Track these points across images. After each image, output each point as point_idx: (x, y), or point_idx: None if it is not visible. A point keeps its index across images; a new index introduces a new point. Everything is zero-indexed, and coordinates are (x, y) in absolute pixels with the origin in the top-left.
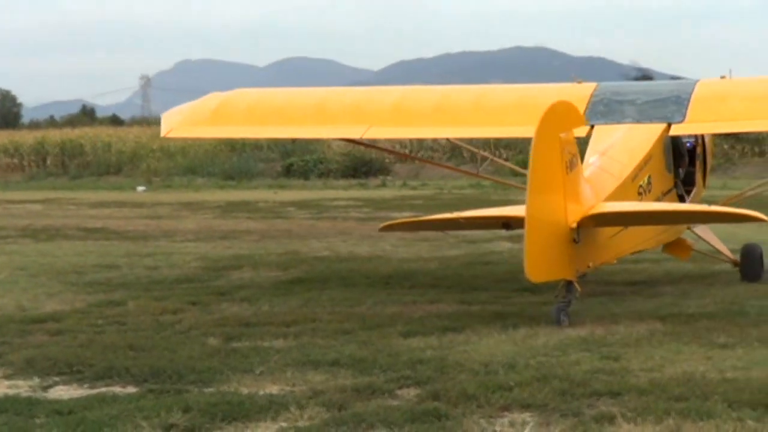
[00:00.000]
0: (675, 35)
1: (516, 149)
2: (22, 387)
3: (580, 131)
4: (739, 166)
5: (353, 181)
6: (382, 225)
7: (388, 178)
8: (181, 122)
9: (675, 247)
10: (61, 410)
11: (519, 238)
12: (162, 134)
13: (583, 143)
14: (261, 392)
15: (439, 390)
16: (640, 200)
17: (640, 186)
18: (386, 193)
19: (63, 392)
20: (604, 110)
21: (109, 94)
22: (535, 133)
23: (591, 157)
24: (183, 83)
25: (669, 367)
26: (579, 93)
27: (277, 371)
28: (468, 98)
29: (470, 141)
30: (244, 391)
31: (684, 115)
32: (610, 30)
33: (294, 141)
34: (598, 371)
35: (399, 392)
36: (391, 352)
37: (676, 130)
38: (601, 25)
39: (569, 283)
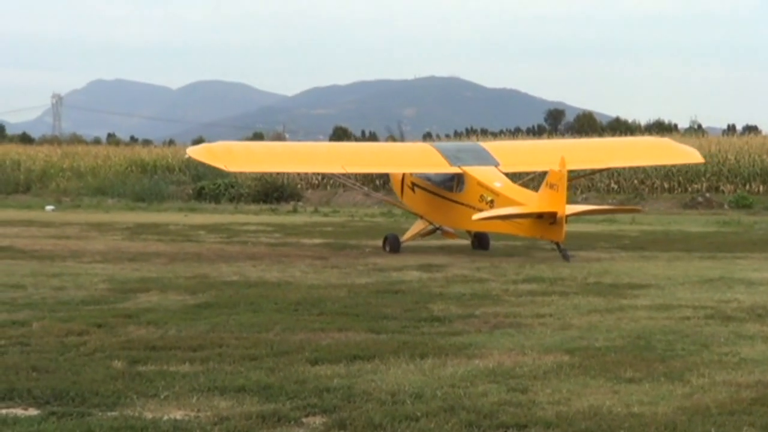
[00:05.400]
0: (588, 70)
1: None
2: None
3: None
4: (649, 201)
5: (264, 206)
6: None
7: (300, 203)
8: (231, 160)
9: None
10: None
11: (428, 269)
12: (229, 169)
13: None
14: (165, 417)
15: (346, 419)
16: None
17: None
18: (297, 218)
19: None
20: (459, 158)
21: (20, 111)
22: (563, 175)
23: (495, 182)
24: (95, 103)
25: (576, 401)
26: (429, 149)
27: (183, 396)
28: (383, 149)
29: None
30: (149, 415)
31: (498, 162)
32: (524, 63)
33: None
34: (505, 403)
35: (305, 420)
36: (298, 380)
37: (502, 169)
38: (515, 58)
39: (559, 243)
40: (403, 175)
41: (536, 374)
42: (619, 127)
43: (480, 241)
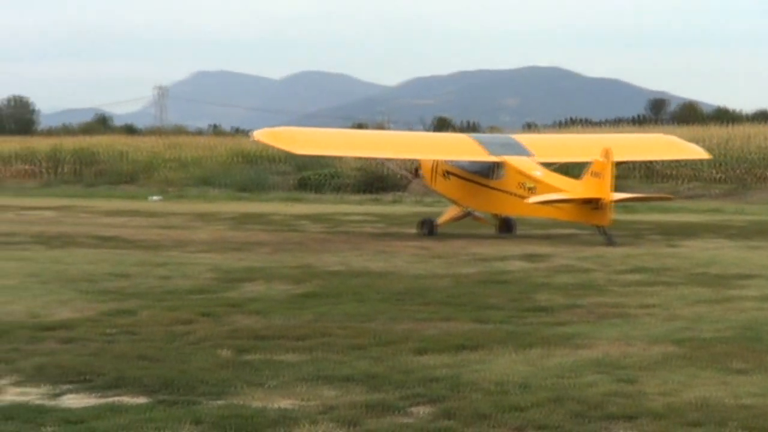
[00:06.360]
0: (691, 59)
1: None
2: (32, 394)
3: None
4: (755, 192)
5: (367, 196)
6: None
7: (403, 194)
8: (295, 143)
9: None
10: (70, 419)
11: (531, 259)
12: (295, 152)
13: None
14: (272, 406)
15: (453, 409)
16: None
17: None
18: (400, 209)
19: (73, 401)
20: (498, 150)
21: (125, 102)
22: (607, 165)
23: (535, 171)
24: (199, 94)
25: (685, 392)
26: (468, 140)
27: (289, 385)
28: (430, 139)
29: None
30: (256, 404)
31: (530, 153)
32: (626, 52)
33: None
34: (613, 394)
35: (412, 410)
36: (404, 369)
37: (535, 159)
38: (617, 47)
39: (603, 227)
40: (435, 162)
41: (643, 365)
42: (723, 117)
43: (506, 226)
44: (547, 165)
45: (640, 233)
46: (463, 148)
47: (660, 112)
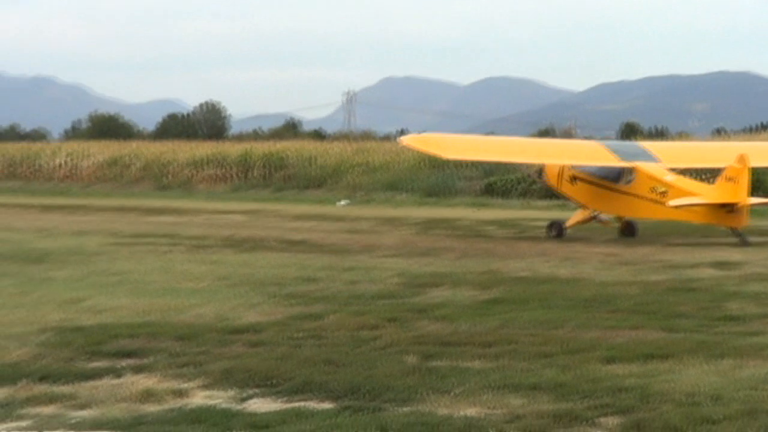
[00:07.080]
0: None
1: None
2: (219, 398)
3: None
4: None
5: (554, 202)
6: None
7: None
8: (445, 148)
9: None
10: (257, 424)
11: (722, 266)
12: (444, 156)
13: None
14: (458, 414)
15: (642, 420)
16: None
17: None
18: None
19: (259, 405)
20: (629, 155)
21: (315, 108)
22: (741, 170)
23: (666, 176)
24: (386, 99)
25: None
26: (599, 146)
27: (475, 393)
28: (569, 146)
29: None
30: (442, 411)
31: (657, 159)
32: None
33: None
34: None
35: (600, 420)
36: (592, 378)
37: (664, 165)
38: None
39: (737, 229)
40: (561, 167)
41: None
42: None
43: (629, 229)
44: (673, 170)
45: None
46: (596, 155)
47: None
